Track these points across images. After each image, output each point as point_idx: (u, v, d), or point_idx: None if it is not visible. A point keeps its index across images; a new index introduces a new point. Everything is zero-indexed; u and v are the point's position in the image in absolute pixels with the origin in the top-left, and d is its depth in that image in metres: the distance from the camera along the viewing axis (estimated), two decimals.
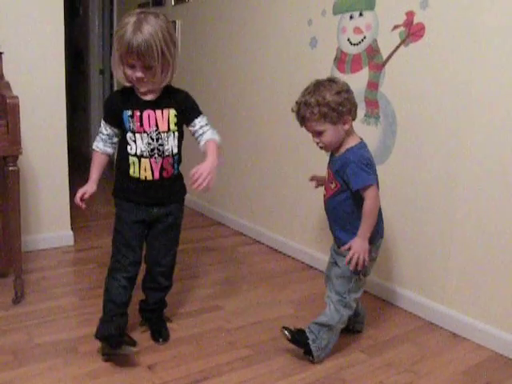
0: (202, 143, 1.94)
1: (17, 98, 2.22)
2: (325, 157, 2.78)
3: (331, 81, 1.88)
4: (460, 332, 2.22)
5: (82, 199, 1.93)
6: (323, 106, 1.82)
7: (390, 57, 2.39)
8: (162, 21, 1.77)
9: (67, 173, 3.05)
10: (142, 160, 1.89)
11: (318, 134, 1.90)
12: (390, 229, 2.39)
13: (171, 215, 2.00)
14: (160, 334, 2.10)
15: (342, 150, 1.92)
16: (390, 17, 2.37)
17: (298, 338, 1.99)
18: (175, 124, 1.90)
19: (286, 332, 1.99)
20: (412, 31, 2.28)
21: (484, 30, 2.04)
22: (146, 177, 1.90)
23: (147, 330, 2.14)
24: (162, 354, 1.99)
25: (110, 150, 1.98)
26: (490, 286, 2.12)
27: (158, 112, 1.88)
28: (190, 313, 2.32)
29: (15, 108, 2.20)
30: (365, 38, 2.50)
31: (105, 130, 1.95)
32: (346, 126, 1.88)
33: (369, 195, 1.86)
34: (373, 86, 2.48)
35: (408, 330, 2.26)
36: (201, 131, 1.94)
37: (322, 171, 2.40)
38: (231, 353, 2.03)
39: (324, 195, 2.02)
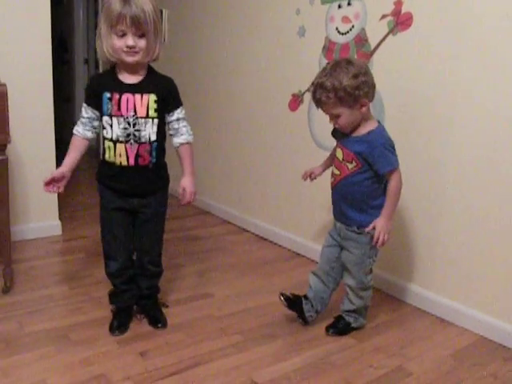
0: (176, 143, 1.96)
1: (4, 85, 2.20)
2: (312, 145, 2.81)
3: (349, 62, 1.86)
4: (447, 317, 2.26)
5: (46, 183, 1.89)
6: (339, 90, 1.81)
7: (378, 46, 2.41)
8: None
9: (55, 162, 3.03)
10: (118, 145, 1.86)
11: (334, 116, 1.91)
12: None
13: (152, 206, 1.99)
14: (158, 319, 2.12)
15: (363, 131, 1.92)
16: (378, 6, 2.38)
17: (342, 327, 2.12)
18: (155, 110, 1.86)
19: (331, 332, 2.10)
20: (400, 20, 2.30)
21: (472, 20, 2.07)
22: (121, 162, 1.88)
23: (144, 317, 2.15)
24: (154, 340, 2.01)
25: (89, 134, 1.94)
26: (476, 271, 2.16)
27: (138, 96, 1.84)
28: (181, 300, 2.34)
29: (3, 96, 2.19)
30: (353, 27, 2.51)
31: (85, 112, 1.91)
32: (364, 109, 1.88)
33: (395, 177, 1.90)
34: None
35: (396, 316, 2.30)
36: (176, 125, 1.93)
37: (310, 158, 2.42)
38: (222, 339, 2.05)
39: (335, 175, 2.02)
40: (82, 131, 1.93)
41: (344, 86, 1.80)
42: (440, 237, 2.28)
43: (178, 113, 1.93)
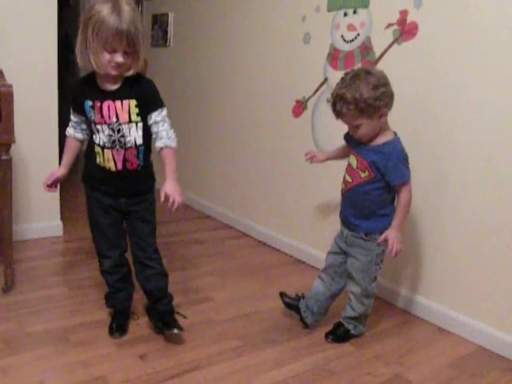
0: (156, 147, 1.88)
1: (11, 86, 2.21)
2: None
3: (368, 73, 1.86)
4: (446, 326, 2.27)
5: (48, 184, 2.00)
6: (360, 102, 1.82)
7: (382, 55, 2.42)
8: (133, 6, 1.77)
9: (58, 163, 3.03)
10: (105, 151, 1.89)
11: (354, 127, 1.91)
12: None
13: (140, 205, 1.98)
14: (171, 324, 2.02)
15: (379, 141, 1.93)
16: (384, 15, 2.39)
17: (341, 334, 2.12)
18: (137, 114, 1.86)
19: (330, 338, 2.11)
20: (405, 30, 2.31)
21: (477, 31, 2.08)
22: (109, 167, 1.91)
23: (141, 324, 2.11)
24: (153, 343, 2.01)
25: (79, 136, 1.99)
26: (477, 281, 2.16)
27: (118, 103, 1.84)
28: (180, 304, 2.33)
29: (9, 96, 2.19)
30: (358, 35, 2.52)
31: (73, 117, 1.96)
32: (383, 119, 1.90)
33: (406, 189, 1.93)
34: None
35: (395, 324, 2.30)
36: (155, 129, 1.87)
37: (312, 164, 2.42)
38: (221, 344, 2.05)
39: (347, 182, 2.03)
40: (72, 133, 1.99)
41: (364, 98, 1.81)
42: (441, 246, 2.28)
43: (156, 115, 1.86)
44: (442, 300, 2.30)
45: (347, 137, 2.08)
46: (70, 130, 1.99)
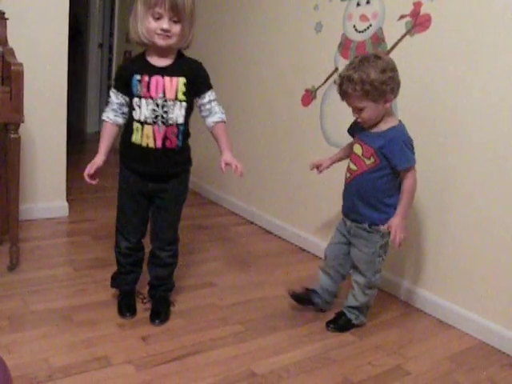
0: (210, 122, 1.98)
1: (21, 65, 2.21)
2: (322, 140, 2.82)
3: (377, 57, 1.88)
4: (446, 319, 2.27)
5: (91, 175, 1.93)
6: (366, 83, 1.82)
7: (394, 46, 2.41)
8: None
9: (65, 144, 3.05)
10: (145, 126, 1.88)
11: (358, 109, 1.91)
12: None
13: (168, 192, 1.99)
14: (158, 315, 2.07)
15: (384, 127, 1.93)
16: (397, 6, 2.38)
17: (342, 323, 2.13)
18: (183, 93, 1.88)
19: (331, 327, 2.12)
20: (418, 22, 2.30)
21: (490, 24, 2.06)
22: (147, 144, 1.89)
23: (149, 307, 2.12)
24: (156, 326, 2.02)
25: (120, 121, 1.96)
26: (479, 276, 2.17)
27: (167, 79, 1.85)
28: (184, 288, 2.35)
29: (19, 75, 2.19)
30: (370, 25, 2.51)
31: (116, 98, 1.93)
32: (388, 105, 1.90)
33: (411, 175, 1.93)
34: None
35: (396, 315, 2.31)
36: (208, 106, 1.96)
37: (319, 153, 2.43)
38: (223, 328, 2.06)
39: (352, 171, 2.03)
40: (113, 117, 1.95)
41: (371, 79, 1.82)
42: (445, 240, 2.28)
43: (209, 95, 1.95)
44: (444, 293, 2.30)
45: (351, 129, 2.10)
46: (109, 115, 1.95)
